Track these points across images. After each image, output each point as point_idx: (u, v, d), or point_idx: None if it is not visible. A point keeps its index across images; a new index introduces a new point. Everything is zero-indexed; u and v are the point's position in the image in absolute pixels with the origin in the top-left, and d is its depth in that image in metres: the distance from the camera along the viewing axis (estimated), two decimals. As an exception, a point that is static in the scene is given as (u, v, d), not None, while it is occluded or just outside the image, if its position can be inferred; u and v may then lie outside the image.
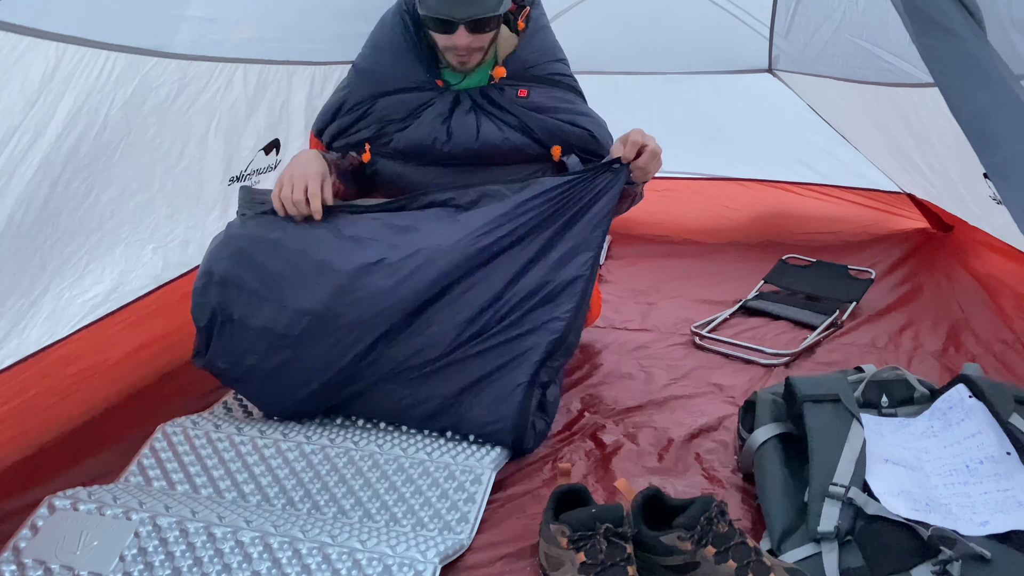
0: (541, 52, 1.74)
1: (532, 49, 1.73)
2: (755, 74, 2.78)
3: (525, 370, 1.41)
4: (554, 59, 1.77)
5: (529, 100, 1.67)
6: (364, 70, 1.73)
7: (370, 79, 1.70)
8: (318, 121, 1.77)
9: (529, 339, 1.43)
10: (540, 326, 1.43)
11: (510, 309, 1.43)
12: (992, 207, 1.97)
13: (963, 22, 1.03)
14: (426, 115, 1.65)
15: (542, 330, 1.43)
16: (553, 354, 1.45)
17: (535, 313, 1.44)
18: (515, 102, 1.67)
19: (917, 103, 1.94)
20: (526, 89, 1.68)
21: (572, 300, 1.46)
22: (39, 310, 1.48)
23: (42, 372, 1.47)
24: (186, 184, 1.81)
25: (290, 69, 2.08)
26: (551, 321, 1.44)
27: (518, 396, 1.39)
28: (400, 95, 1.67)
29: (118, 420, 1.57)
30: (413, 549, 1.11)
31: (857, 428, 1.21)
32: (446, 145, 1.63)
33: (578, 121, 1.69)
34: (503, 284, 1.43)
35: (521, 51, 1.72)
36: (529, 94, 1.68)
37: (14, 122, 1.25)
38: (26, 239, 1.39)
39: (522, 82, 1.69)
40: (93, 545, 1.10)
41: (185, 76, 1.69)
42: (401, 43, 1.69)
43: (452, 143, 1.63)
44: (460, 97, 1.67)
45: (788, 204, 2.91)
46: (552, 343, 1.43)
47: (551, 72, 1.74)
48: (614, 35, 2.75)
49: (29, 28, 1.23)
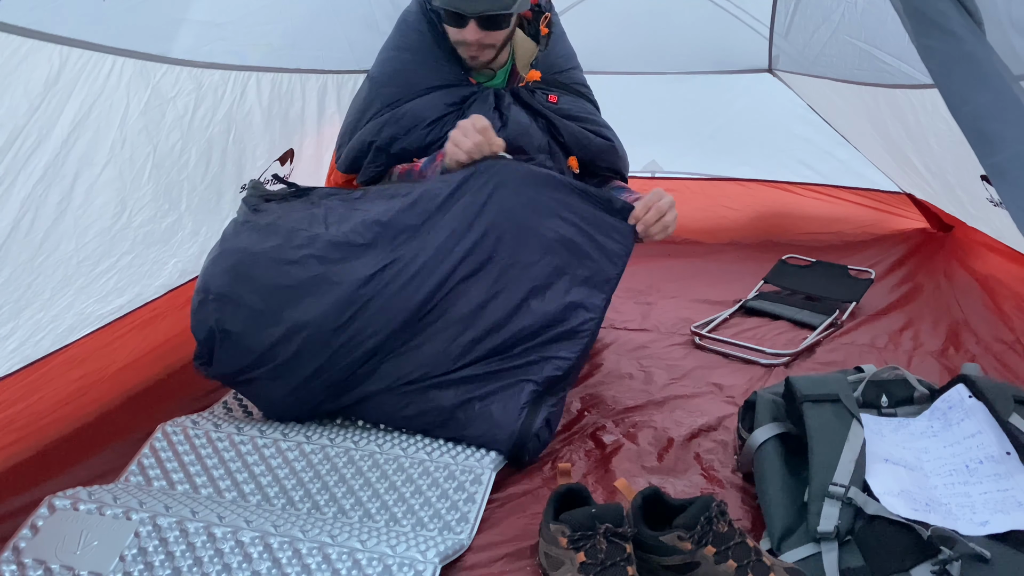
0: (564, 58, 1.77)
1: (556, 55, 1.75)
2: (755, 74, 2.79)
3: (528, 393, 1.38)
4: (574, 67, 1.80)
5: (559, 106, 1.69)
6: (388, 73, 1.71)
7: (396, 80, 1.68)
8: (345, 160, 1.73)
9: (533, 368, 1.41)
10: (547, 359, 1.41)
11: (518, 340, 1.41)
12: (989, 209, 1.97)
13: (962, 22, 1.03)
14: (476, 105, 1.65)
15: (548, 364, 1.41)
16: (557, 385, 1.44)
17: (543, 348, 1.42)
18: (546, 106, 1.68)
19: (915, 104, 1.94)
20: (556, 95, 1.70)
21: (581, 343, 1.44)
22: (59, 324, 1.48)
23: (47, 376, 1.47)
24: (208, 199, 1.81)
25: (303, 77, 2.07)
26: (558, 359, 1.42)
27: (519, 416, 1.36)
28: (435, 92, 1.65)
29: (118, 420, 1.57)
30: (413, 549, 1.11)
31: (857, 428, 1.22)
32: (502, 131, 1.61)
33: (603, 132, 1.72)
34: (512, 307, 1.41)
35: (547, 57, 1.74)
36: (559, 100, 1.70)
37: (17, 125, 1.25)
38: (47, 251, 1.40)
39: (552, 88, 1.71)
40: (93, 545, 1.10)
41: (201, 86, 1.68)
42: (429, 42, 1.68)
43: (508, 130, 1.63)
44: (500, 93, 1.68)
45: (788, 204, 2.91)
46: (557, 377, 1.42)
47: (574, 81, 1.77)
48: (614, 35, 2.76)
49: (33, 30, 1.23)
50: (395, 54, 1.73)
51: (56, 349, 1.49)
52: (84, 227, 1.46)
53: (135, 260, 1.62)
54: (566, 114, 1.69)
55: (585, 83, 1.81)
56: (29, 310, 1.40)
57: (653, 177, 3.06)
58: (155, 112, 1.56)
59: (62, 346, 1.50)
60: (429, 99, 1.65)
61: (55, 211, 1.38)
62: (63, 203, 1.40)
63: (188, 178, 1.72)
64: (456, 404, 1.38)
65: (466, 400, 1.38)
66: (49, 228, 1.38)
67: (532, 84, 1.70)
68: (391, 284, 1.37)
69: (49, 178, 1.34)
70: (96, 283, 1.54)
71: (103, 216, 1.50)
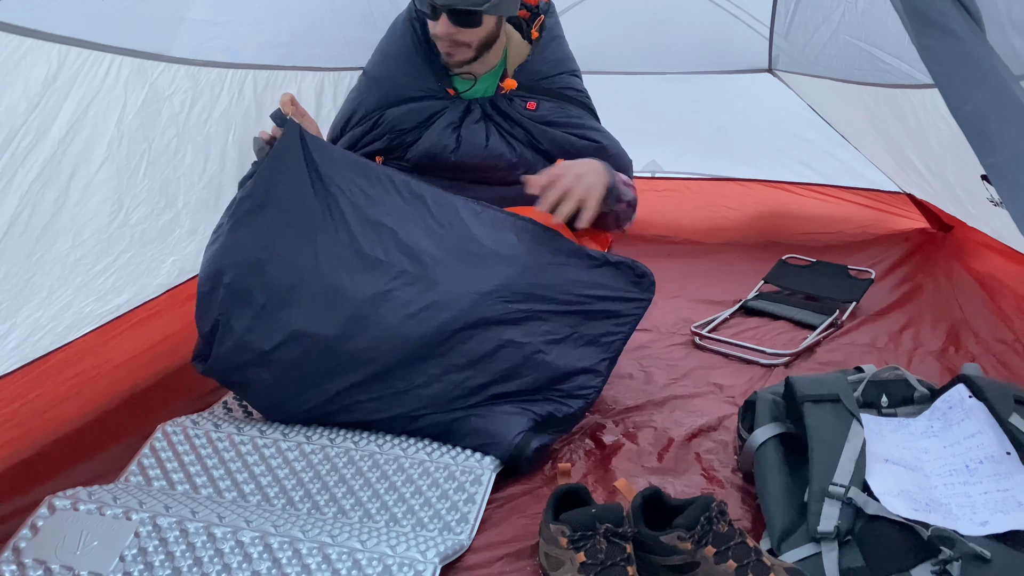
0: (553, 63, 1.70)
1: (544, 60, 1.69)
2: (755, 74, 2.79)
3: (527, 420, 1.37)
4: (567, 71, 1.72)
5: (538, 113, 1.63)
6: (374, 78, 1.71)
7: (379, 87, 1.68)
8: (331, 132, 1.74)
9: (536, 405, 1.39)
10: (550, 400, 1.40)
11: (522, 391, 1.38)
12: (989, 209, 1.97)
13: (962, 22, 1.03)
14: (437, 123, 1.62)
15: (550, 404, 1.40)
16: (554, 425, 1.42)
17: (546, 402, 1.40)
18: (523, 114, 1.63)
19: (915, 104, 1.94)
20: (535, 102, 1.64)
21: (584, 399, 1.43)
22: (58, 323, 1.48)
23: (45, 374, 1.47)
24: (206, 198, 1.81)
25: (299, 75, 2.07)
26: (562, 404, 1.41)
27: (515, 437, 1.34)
28: (410, 104, 1.64)
29: (118, 420, 1.57)
30: (413, 549, 1.11)
31: (857, 428, 1.22)
32: (455, 153, 1.60)
33: (588, 135, 1.65)
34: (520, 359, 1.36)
35: (533, 62, 1.68)
36: (538, 106, 1.63)
37: (16, 124, 1.25)
38: (43, 248, 1.39)
39: (532, 94, 1.65)
40: (93, 545, 1.10)
41: (197, 84, 1.68)
42: (411, 51, 1.66)
43: (460, 152, 1.60)
44: (471, 106, 1.64)
45: (788, 204, 2.91)
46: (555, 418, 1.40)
47: (563, 86, 1.69)
48: (614, 35, 2.75)
49: (32, 30, 1.23)
50: (380, 60, 1.73)
51: (55, 348, 1.49)
52: (81, 225, 1.46)
53: (133, 259, 1.62)
54: (545, 120, 1.62)
55: (578, 87, 1.73)
56: (27, 309, 1.40)
57: (653, 177, 3.06)
58: (151, 110, 1.56)
59: (61, 345, 1.50)
60: (407, 110, 1.63)
61: (52, 208, 1.39)
62: (59, 200, 1.40)
63: (184, 176, 1.72)
64: (453, 417, 1.37)
65: (464, 417, 1.37)
66: (46, 225, 1.38)
67: (511, 92, 1.65)
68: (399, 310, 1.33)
69: (46, 176, 1.35)
70: (95, 282, 1.54)
71: (100, 214, 1.51)
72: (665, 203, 3.00)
